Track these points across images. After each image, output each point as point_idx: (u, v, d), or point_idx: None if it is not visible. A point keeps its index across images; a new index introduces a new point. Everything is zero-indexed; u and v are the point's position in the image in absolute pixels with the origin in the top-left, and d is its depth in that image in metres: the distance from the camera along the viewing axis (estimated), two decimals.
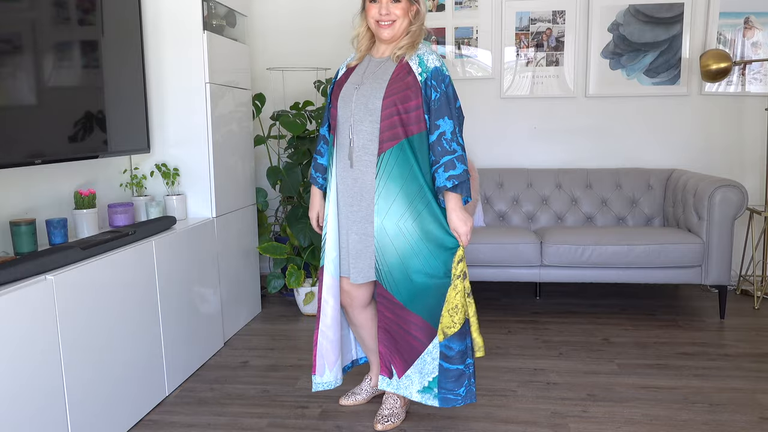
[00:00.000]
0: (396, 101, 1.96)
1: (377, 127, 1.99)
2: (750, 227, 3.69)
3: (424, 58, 2.01)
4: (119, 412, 2.13)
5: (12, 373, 1.65)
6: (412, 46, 2.01)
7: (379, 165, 2.00)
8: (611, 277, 3.31)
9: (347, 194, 2.07)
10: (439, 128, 1.98)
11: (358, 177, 2.03)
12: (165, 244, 2.45)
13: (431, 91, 1.98)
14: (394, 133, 1.97)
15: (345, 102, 2.04)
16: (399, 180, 1.99)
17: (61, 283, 1.84)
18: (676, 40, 3.82)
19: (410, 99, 1.96)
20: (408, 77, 1.97)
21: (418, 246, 2.01)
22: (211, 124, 2.87)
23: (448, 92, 2.02)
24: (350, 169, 2.04)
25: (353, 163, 2.03)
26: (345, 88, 2.07)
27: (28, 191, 2.28)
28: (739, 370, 2.64)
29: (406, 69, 1.99)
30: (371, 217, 2.03)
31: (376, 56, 2.09)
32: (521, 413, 2.28)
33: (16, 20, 1.96)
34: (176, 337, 2.53)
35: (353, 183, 2.05)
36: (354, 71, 2.09)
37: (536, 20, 3.90)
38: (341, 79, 2.12)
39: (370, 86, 2.01)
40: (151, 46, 2.83)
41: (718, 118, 3.89)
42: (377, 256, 2.04)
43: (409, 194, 1.99)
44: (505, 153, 4.03)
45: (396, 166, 1.98)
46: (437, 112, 1.99)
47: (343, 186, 2.07)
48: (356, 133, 2.02)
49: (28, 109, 2.04)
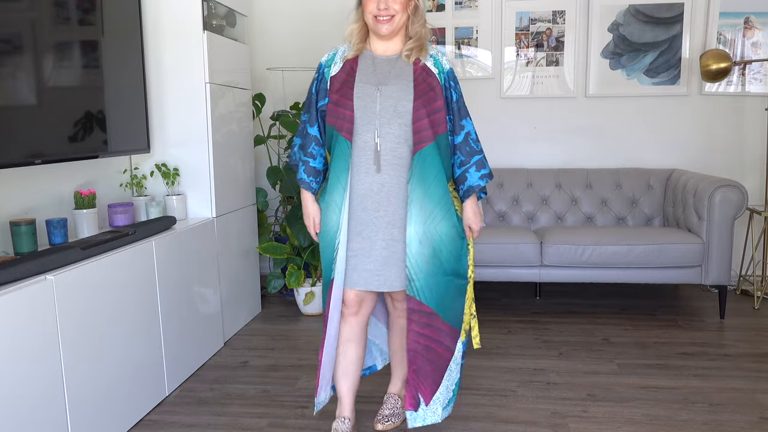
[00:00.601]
0: (425, 103, 1.93)
1: (406, 129, 1.93)
2: (750, 227, 3.69)
3: (440, 60, 1.99)
4: (119, 412, 2.13)
5: (12, 373, 1.65)
6: (422, 47, 1.97)
7: (412, 168, 1.95)
8: (611, 277, 3.31)
9: (371, 200, 1.95)
10: (464, 128, 1.98)
11: (386, 181, 1.95)
12: (165, 244, 2.45)
13: (451, 93, 1.97)
14: (426, 135, 1.93)
15: (366, 103, 1.93)
16: (428, 182, 1.95)
17: (61, 283, 1.84)
18: (676, 40, 3.82)
19: (436, 100, 1.94)
20: (429, 78, 1.94)
21: (446, 248, 1.98)
22: (211, 124, 2.87)
23: (461, 93, 2.02)
24: (376, 173, 1.94)
25: (381, 167, 1.94)
26: (361, 88, 1.95)
27: (28, 191, 2.29)
28: (739, 370, 2.64)
29: (426, 70, 1.95)
30: (397, 222, 1.96)
31: (379, 53, 1.99)
32: (521, 413, 2.28)
33: (16, 20, 1.96)
34: (176, 337, 2.53)
35: (380, 188, 1.95)
36: (359, 69, 1.98)
37: (536, 20, 3.90)
38: (341, 75, 1.98)
39: (396, 87, 1.93)
40: (151, 46, 2.83)
41: (718, 118, 3.89)
42: (409, 265, 1.95)
43: (436, 195, 1.96)
44: (505, 153, 4.03)
45: (426, 168, 1.95)
46: (460, 112, 1.98)
47: (366, 191, 1.96)
48: (383, 136, 1.93)
49: (28, 109, 2.04)
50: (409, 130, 1.93)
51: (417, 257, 1.95)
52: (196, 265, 2.72)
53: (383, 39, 1.97)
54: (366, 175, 1.95)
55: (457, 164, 2.00)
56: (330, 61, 2.02)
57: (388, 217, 1.96)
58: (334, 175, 2.00)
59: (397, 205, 1.96)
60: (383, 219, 1.96)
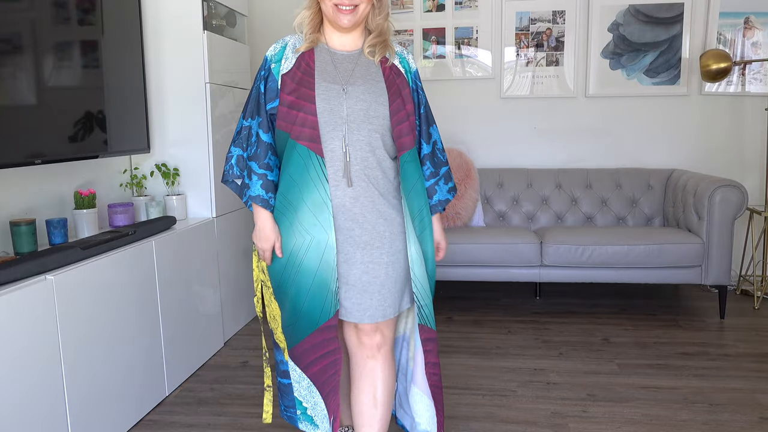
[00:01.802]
0: (400, 106, 1.70)
1: (376, 137, 1.67)
2: (750, 227, 3.69)
3: (407, 58, 1.77)
4: (119, 412, 2.13)
5: (12, 373, 1.65)
6: (386, 43, 1.72)
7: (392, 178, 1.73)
8: (611, 277, 3.31)
9: (342, 218, 1.67)
10: (432, 137, 1.79)
11: (358, 195, 1.66)
12: (165, 244, 2.45)
13: (418, 96, 1.77)
14: (406, 141, 1.70)
15: (332, 106, 1.64)
16: (413, 194, 1.72)
17: (61, 283, 1.84)
18: (676, 40, 3.82)
19: (409, 102, 1.72)
20: (399, 79, 1.72)
21: (431, 268, 1.78)
22: (211, 124, 2.87)
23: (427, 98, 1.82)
24: (347, 187, 1.66)
25: (351, 180, 1.66)
26: (325, 89, 1.66)
27: (28, 191, 2.29)
28: (739, 370, 2.64)
29: (395, 70, 1.72)
30: (376, 242, 1.67)
31: (336, 48, 1.71)
32: (521, 413, 2.28)
33: (16, 20, 1.96)
34: (176, 337, 2.53)
35: (352, 203, 1.66)
36: (316, 67, 1.68)
37: (536, 20, 3.90)
38: (295, 73, 1.68)
39: (364, 88, 1.66)
40: (151, 46, 2.83)
41: (718, 118, 3.89)
42: (416, 290, 1.71)
43: (422, 209, 1.75)
44: (505, 153, 4.03)
45: (410, 179, 1.71)
46: (428, 118, 1.79)
47: (341, 208, 1.67)
48: (352, 145, 1.65)
49: (28, 109, 2.04)
50: (380, 137, 1.67)
51: (417, 279, 1.71)
52: (196, 265, 2.72)
53: (342, 31, 1.69)
54: (336, 189, 1.66)
55: (426, 176, 1.78)
56: (279, 55, 1.72)
57: (365, 237, 1.68)
58: (296, 189, 1.67)
59: (374, 222, 1.68)
60: (361, 239, 1.68)
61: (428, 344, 1.77)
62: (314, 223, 1.65)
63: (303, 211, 1.66)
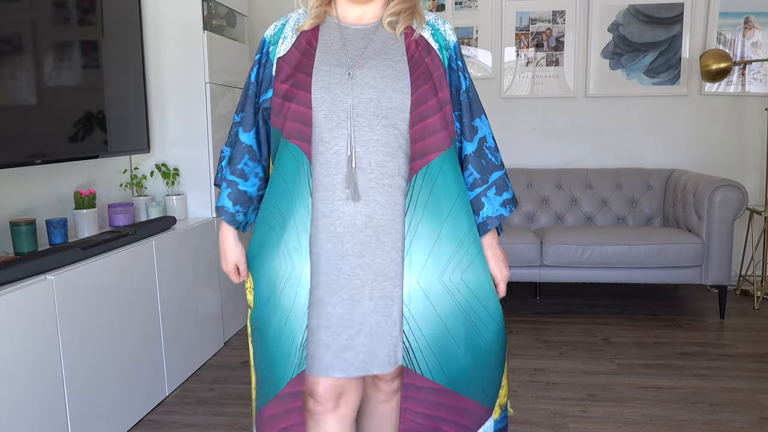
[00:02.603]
0: (428, 94, 1.28)
1: (397, 134, 1.27)
2: (750, 227, 3.69)
3: (440, 28, 1.34)
4: (119, 412, 2.13)
5: (12, 373, 1.65)
6: (413, 10, 1.31)
7: (410, 192, 1.29)
8: (611, 277, 3.31)
9: (351, 241, 1.28)
10: (477, 132, 1.35)
11: (374, 213, 1.27)
12: (165, 244, 2.45)
13: (459, 78, 1.34)
14: (435, 141, 1.28)
15: (333, 96, 1.26)
16: (444, 210, 1.29)
17: (61, 283, 1.84)
18: (676, 40, 3.82)
19: (443, 88, 1.30)
20: (428, 56, 1.30)
21: (472, 305, 1.32)
22: (211, 124, 2.87)
23: (472, 80, 1.39)
24: (353, 202, 1.27)
25: (359, 191, 1.27)
26: (322, 74, 1.27)
27: (28, 191, 2.29)
28: (739, 370, 2.64)
29: (424, 44, 1.30)
30: (391, 272, 1.29)
31: (350, 22, 1.33)
32: (521, 413, 2.28)
33: (16, 20, 1.96)
34: (176, 337, 2.53)
35: (366, 222, 1.27)
36: (319, 44, 1.31)
37: (536, 20, 3.90)
38: (293, 54, 1.31)
39: (377, 71, 1.27)
40: (151, 46, 2.83)
41: (718, 118, 3.89)
42: (407, 329, 1.30)
43: (459, 232, 1.30)
44: (505, 153, 4.03)
45: (440, 189, 1.29)
46: (472, 108, 1.35)
47: (341, 229, 1.28)
48: (363, 146, 1.26)
49: (28, 109, 2.04)
50: (401, 134, 1.28)
51: (419, 320, 1.30)
52: (196, 265, 2.72)
53: (358, 1, 1.31)
54: (343, 205, 1.27)
55: (469, 184, 1.35)
56: (277, 35, 1.35)
57: (376, 266, 1.29)
58: (288, 199, 1.31)
59: (391, 246, 1.29)
60: (371, 267, 1.28)
61: (410, 390, 1.33)
62: (296, 247, 1.29)
63: (290, 229, 1.30)
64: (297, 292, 1.29)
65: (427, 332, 1.31)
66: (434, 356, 1.32)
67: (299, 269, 1.29)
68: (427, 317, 1.30)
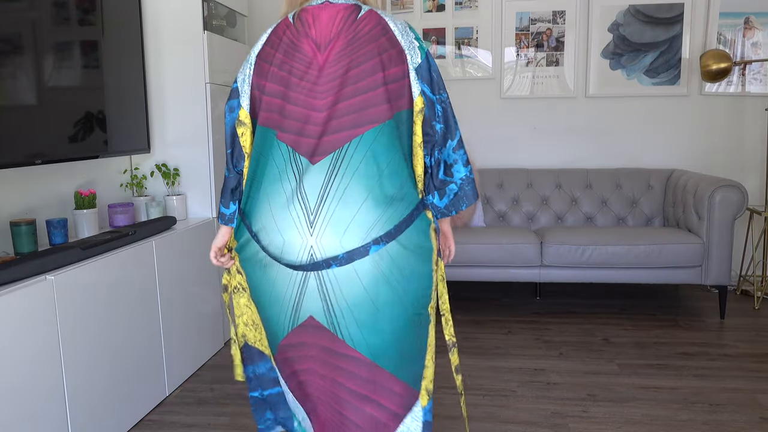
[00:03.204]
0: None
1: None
2: (750, 227, 3.69)
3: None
4: (119, 412, 2.13)
5: (12, 373, 1.65)
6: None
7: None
8: (611, 277, 3.31)
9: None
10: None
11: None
12: (165, 244, 2.45)
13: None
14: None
15: None
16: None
17: (61, 283, 1.84)
18: (676, 40, 3.82)
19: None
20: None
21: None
22: (211, 124, 2.87)
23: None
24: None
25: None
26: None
27: (28, 191, 2.29)
28: (739, 370, 2.64)
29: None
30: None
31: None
32: (521, 413, 2.28)
33: (16, 20, 1.96)
34: (176, 337, 2.53)
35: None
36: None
37: (536, 20, 3.90)
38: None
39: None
40: (151, 46, 2.83)
41: (718, 118, 3.89)
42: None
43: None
44: (505, 153, 4.04)
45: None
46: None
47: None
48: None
49: (28, 109, 2.04)
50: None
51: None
52: (196, 265, 2.72)
53: None
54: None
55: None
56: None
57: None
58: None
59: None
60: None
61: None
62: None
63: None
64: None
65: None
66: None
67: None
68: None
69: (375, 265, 1.34)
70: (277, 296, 1.41)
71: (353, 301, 1.34)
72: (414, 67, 1.40)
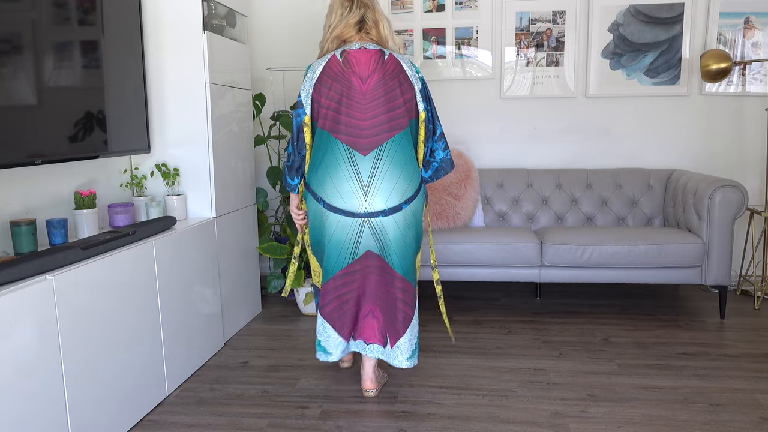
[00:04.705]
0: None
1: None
2: (750, 227, 3.69)
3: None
4: (119, 412, 2.13)
5: (12, 373, 1.65)
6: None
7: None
8: (611, 277, 3.31)
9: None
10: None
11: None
12: (165, 244, 2.45)
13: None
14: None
15: None
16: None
17: (61, 283, 1.84)
18: (676, 41, 3.82)
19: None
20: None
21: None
22: (211, 124, 2.87)
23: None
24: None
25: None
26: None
27: (28, 191, 2.29)
28: (739, 370, 2.64)
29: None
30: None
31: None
32: (521, 413, 2.28)
33: (16, 20, 1.96)
34: (176, 337, 2.53)
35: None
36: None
37: (536, 20, 3.90)
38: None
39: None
40: (151, 46, 2.83)
41: (718, 118, 3.89)
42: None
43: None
44: (505, 153, 4.04)
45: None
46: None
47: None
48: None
49: (28, 109, 2.04)
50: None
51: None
52: (196, 265, 2.72)
53: None
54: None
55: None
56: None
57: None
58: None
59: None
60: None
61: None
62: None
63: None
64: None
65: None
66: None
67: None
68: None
69: (404, 216, 2.29)
70: (338, 239, 2.30)
71: (394, 239, 2.30)
72: (418, 90, 2.29)
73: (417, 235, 2.35)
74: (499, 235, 3.34)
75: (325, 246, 2.33)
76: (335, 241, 2.29)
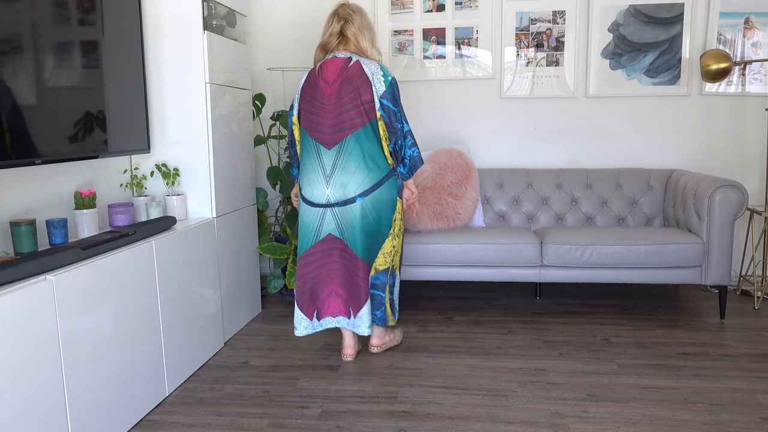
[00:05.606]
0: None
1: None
2: (750, 227, 3.69)
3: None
4: (119, 412, 2.13)
5: (12, 373, 1.65)
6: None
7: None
8: (611, 277, 3.31)
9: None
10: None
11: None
12: (165, 244, 2.45)
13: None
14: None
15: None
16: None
17: (61, 283, 1.84)
18: (676, 41, 3.82)
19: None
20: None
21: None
22: (211, 124, 2.87)
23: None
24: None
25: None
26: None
27: (28, 191, 2.29)
28: (739, 370, 2.64)
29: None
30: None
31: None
32: (521, 413, 2.28)
33: (16, 20, 1.96)
34: (176, 337, 2.53)
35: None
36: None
37: (536, 20, 3.90)
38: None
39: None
40: (151, 46, 2.83)
41: (718, 118, 3.89)
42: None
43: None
44: (505, 153, 4.04)
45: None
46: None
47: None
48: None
49: (28, 109, 2.04)
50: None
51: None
52: (196, 265, 2.72)
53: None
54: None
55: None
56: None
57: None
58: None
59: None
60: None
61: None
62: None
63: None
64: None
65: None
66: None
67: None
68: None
69: (360, 207, 2.60)
70: (306, 223, 2.67)
71: (350, 224, 2.61)
72: (379, 93, 2.56)
73: (377, 222, 2.63)
74: (499, 235, 3.34)
75: (299, 230, 2.72)
76: (304, 224, 2.67)
